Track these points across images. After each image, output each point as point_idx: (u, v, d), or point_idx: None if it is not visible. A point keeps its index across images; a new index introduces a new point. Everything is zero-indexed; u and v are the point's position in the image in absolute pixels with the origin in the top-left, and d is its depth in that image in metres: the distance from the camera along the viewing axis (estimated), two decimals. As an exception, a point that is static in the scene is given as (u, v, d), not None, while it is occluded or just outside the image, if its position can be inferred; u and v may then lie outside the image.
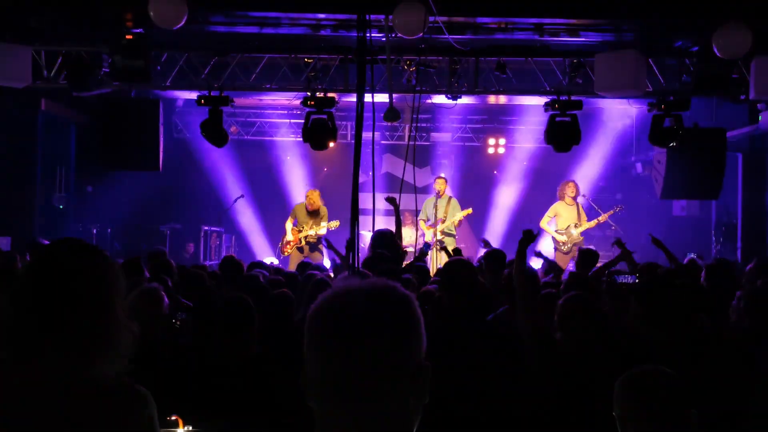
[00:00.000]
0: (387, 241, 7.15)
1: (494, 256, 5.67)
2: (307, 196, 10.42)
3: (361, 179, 3.17)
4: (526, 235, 3.71)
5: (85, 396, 1.65)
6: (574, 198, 10.51)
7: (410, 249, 9.84)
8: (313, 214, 10.30)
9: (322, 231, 10.17)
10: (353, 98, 9.25)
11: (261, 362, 3.78)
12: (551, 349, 3.31)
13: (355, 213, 3.09)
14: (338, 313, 1.23)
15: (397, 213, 6.77)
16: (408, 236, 11.08)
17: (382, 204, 12.41)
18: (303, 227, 10.32)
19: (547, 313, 3.66)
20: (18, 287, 1.74)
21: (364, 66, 3.31)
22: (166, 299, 4.12)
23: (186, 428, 2.69)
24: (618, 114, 12.35)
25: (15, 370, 1.67)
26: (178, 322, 4.66)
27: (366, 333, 1.20)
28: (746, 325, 4.16)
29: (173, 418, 2.67)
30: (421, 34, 6.11)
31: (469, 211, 10.71)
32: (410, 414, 1.24)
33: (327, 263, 9.69)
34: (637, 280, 3.59)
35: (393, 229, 6.51)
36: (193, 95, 9.26)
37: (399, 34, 6.56)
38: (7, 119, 10.00)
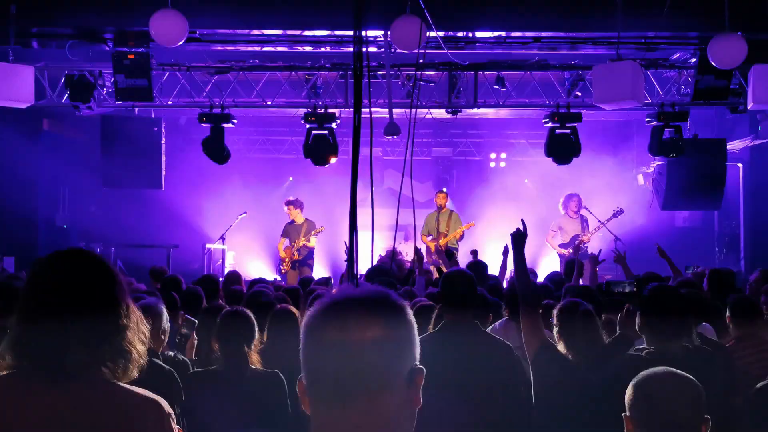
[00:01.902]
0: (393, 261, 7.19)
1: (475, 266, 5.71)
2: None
3: (363, 195, 3.20)
4: (517, 237, 3.65)
5: (104, 407, 1.65)
6: (577, 211, 10.52)
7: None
8: (297, 226, 10.67)
9: (311, 243, 10.58)
10: (354, 114, 9.26)
11: (263, 374, 3.79)
12: (556, 358, 3.29)
13: (353, 223, 3.10)
14: (334, 318, 1.25)
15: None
16: (410, 252, 11.09)
17: (382, 219, 12.44)
18: (295, 243, 10.68)
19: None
20: (25, 299, 1.73)
21: (361, 83, 3.34)
22: (166, 313, 4.13)
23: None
24: (618, 126, 12.37)
25: (27, 384, 1.66)
26: (183, 339, 4.68)
27: (360, 337, 1.22)
28: (733, 334, 4.18)
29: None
30: (419, 49, 6.16)
31: (472, 224, 10.72)
32: (405, 417, 1.25)
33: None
34: (635, 289, 3.58)
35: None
36: (195, 113, 9.32)
37: (397, 49, 6.61)
38: (9, 139, 10.07)
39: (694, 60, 8.36)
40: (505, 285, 6.34)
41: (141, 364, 1.76)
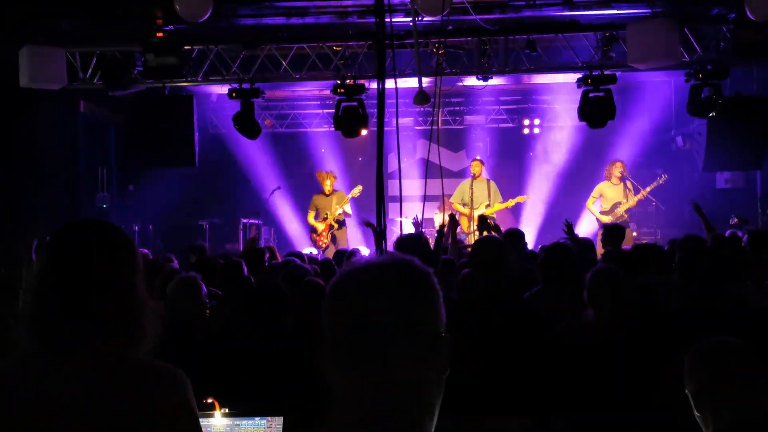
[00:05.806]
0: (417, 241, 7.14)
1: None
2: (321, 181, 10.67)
3: (395, 166, 3.21)
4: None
5: (118, 380, 1.62)
6: (621, 178, 10.32)
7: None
8: (327, 198, 10.56)
9: (347, 207, 10.45)
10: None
11: (295, 348, 3.83)
12: (580, 325, 3.27)
13: (380, 195, 3.08)
14: (351, 282, 1.24)
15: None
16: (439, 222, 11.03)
17: (411, 190, 12.37)
18: (327, 213, 10.46)
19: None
20: (36, 274, 1.71)
21: (384, 51, 3.30)
22: (204, 287, 4.21)
23: (223, 410, 2.73)
24: (656, 87, 12.07)
25: (40, 360, 1.65)
26: (209, 311, 4.76)
27: (377, 298, 1.21)
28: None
29: (209, 400, 2.72)
30: (445, 13, 6.04)
31: (528, 197, 10.73)
32: (431, 386, 1.23)
33: (365, 251, 9.72)
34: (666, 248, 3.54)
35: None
36: (225, 89, 9.36)
37: (424, 16, 6.52)
38: (48, 123, 10.25)
39: (733, 15, 8.07)
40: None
41: (154, 337, 1.73)
